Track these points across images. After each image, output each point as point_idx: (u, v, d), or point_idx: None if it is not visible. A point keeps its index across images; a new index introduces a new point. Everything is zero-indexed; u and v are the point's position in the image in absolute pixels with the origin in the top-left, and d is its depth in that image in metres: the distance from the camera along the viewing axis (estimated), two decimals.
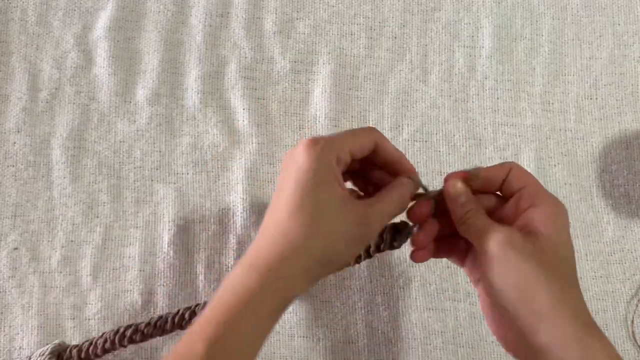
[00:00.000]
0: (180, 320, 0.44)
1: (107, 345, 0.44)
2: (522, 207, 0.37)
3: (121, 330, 0.44)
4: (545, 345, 0.33)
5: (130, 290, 0.51)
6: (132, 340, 0.44)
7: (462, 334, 0.52)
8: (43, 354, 0.45)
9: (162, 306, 0.51)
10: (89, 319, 0.50)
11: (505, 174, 0.38)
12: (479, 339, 0.52)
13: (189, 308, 0.44)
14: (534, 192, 0.37)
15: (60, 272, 0.51)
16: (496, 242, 0.34)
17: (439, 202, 0.39)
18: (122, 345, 0.44)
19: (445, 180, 0.38)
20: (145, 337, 0.44)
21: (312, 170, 0.34)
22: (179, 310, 0.44)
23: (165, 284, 0.51)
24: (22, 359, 0.49)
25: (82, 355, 0.45)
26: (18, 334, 0.50)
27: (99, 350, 0.44)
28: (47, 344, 0.49)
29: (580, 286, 0.35)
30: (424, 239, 0.39)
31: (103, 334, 0.45)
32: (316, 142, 0.35)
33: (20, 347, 0.50)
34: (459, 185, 0.38)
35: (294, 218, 0.34)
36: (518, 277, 0.34)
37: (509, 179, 0.38)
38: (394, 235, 0.41)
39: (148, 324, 0.44)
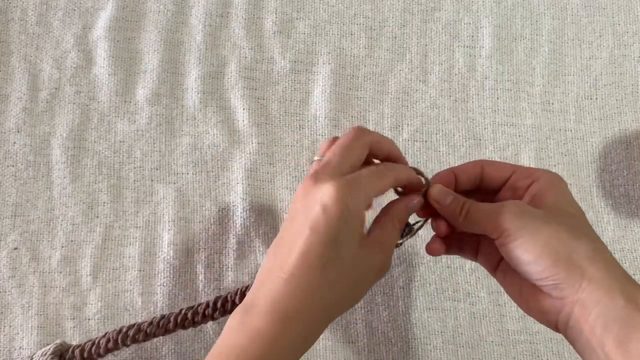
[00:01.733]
0: (182, 320, 0.44)
1: (110, 345, 0.44)
2: (519, 191, 0.37)
3: (124, 329, 0.44)
4: (590, 299, 0.32)
5: (130, 290, 0.51)
6: (135, 340, 0.44)
7: (462, 334, 0.52)
8: (45, 354, 0.45)
9: (162, 306, 0.51)
10: (88, 319, 0.50)
11: (479, 171, 0.38)
12: (479, 339, 0.52)
13: (192, 307, 0.44)
14: (524, 174, 0.37)
15: (60, 272, 0.51)
16: (511, 216, 0.33)
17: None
18: (124, 345, 0.44)
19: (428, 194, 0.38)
20: (148, 336, 0.44)
21: (343, 226, 0.33)
22: (181, 310, 0.44)
23: (165, 284, 0.51)
24: (24, 358, 0.49)
25: (85, 355, 0.44)
26: (18, 333, 0.50)
27: (101, 350, 0.44)
28: (47, 344, 0.49)
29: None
30: (445, 228, 0.39)
31: (106, 333, 0.45)
32: (348, 192, 0.33)
33: (20, 347, 0.50)
34: (439, 188, 0.37)
35: (318, 271, 0.33)
36: (545, 240, 0.32)
37: (487, 176, 0.38)
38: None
39: (150, 323, 0.44)
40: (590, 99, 0.57)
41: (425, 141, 0.55)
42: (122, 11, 0.56)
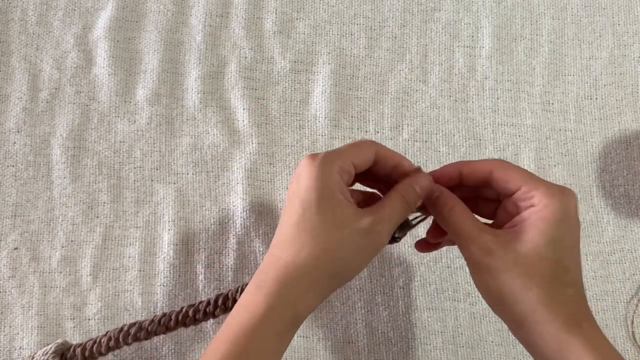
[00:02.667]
0: (184, 318, 0.44)
1: (112, 343, 0.44)
2: (518, 209, 0.36)
3: (125, 328, 0.44)
4: (529, 340, 0.34)
5: (130, 290, 0.51)
6: (136, 338, 0.44)
7: (462, 334, 0.52)
8: (46, 353, 0.45)
9: (162, 306, 0.51)
10: (89, 319, 0.50)
11: (487, 175, 0.37)
12: (479, 339, 0.52)
13: (192, 305, 0.44)
14: (527, 194, 0.36)
15: (60, 272, 0.51)
16: (474, 251, 0.35)
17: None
18: (126, 343, 0.44)
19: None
20: (149, 334, 0.44)
21: (313, 186, 0.34)
22: (182, 308, 0.44)
23: (165, 284, 0.51)
24: (24, 358, 0.49)
25: (86, 354, 0.44)
26: (18, 333, 0.50)
27: (102, 349, 0.44)
28: (47, 344, 0.49)
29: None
30: (437, 234, 0.39)
31: (107, 332, 0.45)
32: (315, 157, 0.35)
33: (20, 347, 0.50)
34: (428, 182, 0.38)
35: (298, 237, 0.34)
36: (497, 286, 0.34)
37: (498, 177, 0.37)
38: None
39: (152, 321, 0.44)
40: (590, 99, 0.57)
41: (425, 141, 0.55)
42: (122, 11, 0.56)
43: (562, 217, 0.35)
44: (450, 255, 0.53)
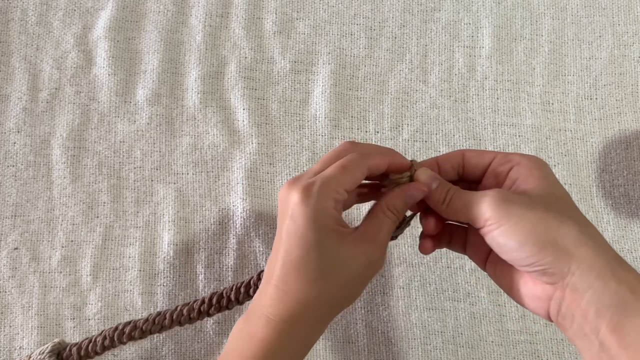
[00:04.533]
0: (178, 316, 0.44)
1: (107, 342, 0.44)
2: (501, 177, 0.36)
3: (120, 327, 0.44)
4: (581, 284, 0.31)
5: (130, 290, 0.51)
6: (131, 337, 0.44)
7: (462, 334, 0.52)
8: (43, 353, 0.45)
9: (162, 306, 0.51)
10: (89, 319, 0.50)
11: (460, 159, 0.37)
12: (478, 339, 0.52)
13: (187, 304, 0.44)
14: (504, 159, 0.36)
15: (60, 272, 0.51)
16: (493, 204, 0.33)
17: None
18: (121, 342, 0.44)
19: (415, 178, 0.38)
20: (144, 333, 0.44)
21: (310, 226, 0.33)
22: (177, 307, 0.44)
23: (165, 284, 0.51)
24: (22, 358, 0.49)
25: (82, 353, 0.44)
26: (18, 333, 0.50)
27: (98, 348, 0.44)
28: (47, 344, 0.49)
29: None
30: (434, 225, 0.38)
31: (102, 331, 0.45)
32: (309, 193, 0.34)
33: (20, 347, 0.50)
34: (427, 171, 0.37)
35: (299, 276, 0.34)
36: (530, 227, 0.32)
37: (468, 164, 0.37)
38: None
39: (146, 320, 0.44)
40: (590, 99, 0.57)
41: (425, 141, 0.55)
42: (122, 11, 0.56)
43: (547, 169, 0.35)
44: (450, 255, 0.53)
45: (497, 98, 0.57)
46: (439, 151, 0.55)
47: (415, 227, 0.40)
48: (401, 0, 0.58)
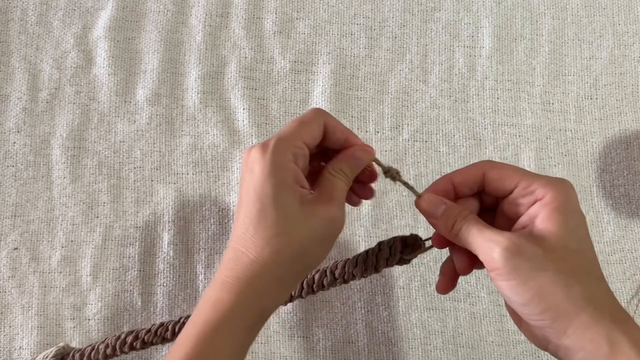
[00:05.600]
0: (180, 329, 0.44)
1: (109, 351, 0.44)
2: (520, 210, 0.34)
3: (122, 336, 0.44)
4: (574, 346, 0.31)
5: (130, 291, 0.51)
6: (132, 347, 0.44)
7: (462, 334, 0.52)
8: (47, 357, 0.45)
9: (161, 306, 0.51)
10: (88, 319, 0.50)
11: (479, 178, 0.35)
12: (479, 339, 0.52)
13: (190, 316, 0.44)
14: (527, 190, 0.34)
15: (60, 272, 0.51)
16: (505, 256, 0.31)
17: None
18: (123, 352, 0.45)
19: (416, 204, 0.36)
20: (145, 344, 0.44)
21: (268, 179, 0.33)
22: (180, 319, 0.44)
23: (165, 284, 0.51)
24: None
25: (84, 359, 0.45)
26: (18, 334, 0.50)
27: (100, 356, 0.45)
28: (47, 344, 0.50)
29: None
30: (453, 268, 0.37)
31: (105, 339, 0.45)
32: (266, 147, 0.33)
33: (20, 347, 0.50)
34: (428, 198, 0.35)
35: (261, 232, 0.33)
36: (537, 289, 0.31)
37: (492, 177, 0.35)
38: (403, 250, 0.39)
39: (149, 331, 0.44)
40: (591, 99, 0.57)
41: (426, 141, 0.55)
42: (122, 11, 0.56)
43: (572, 206, 0.33)
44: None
45: (498, 98, 0.56)
46: (439, 151, 0.55)
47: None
48: (401, 0, 0.58)
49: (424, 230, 0.52)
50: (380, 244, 0.39)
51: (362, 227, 0.53)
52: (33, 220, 0.52)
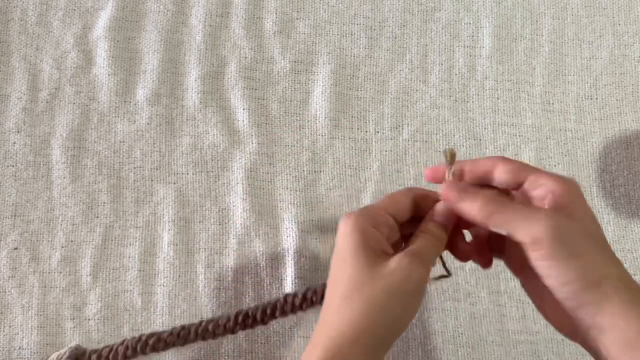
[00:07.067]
0: (203, 332, 0.44)
1: (129, 352, 0.44)
2: (534, 196, 0.35)
3: (143, 338, 0.44)
4: (607, 324, 0.32)
5: (130, 291, 0.51)
6: (154, 349, 0.44)
7: (462, 334, 0.52)
8: (60, 358, 0.45)
9: (162, 306, 0.51)
10: (88, 319, 0.50)
11: (492, 165, 0.36)
12: (478, 339, 0.52)
13: (212, 321, 0.45)
14: (536, 182, 0.34)
15: (60, 272, 0.51)
16: (551, 228, 0.31)
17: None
18: (143, 353, 0.44)
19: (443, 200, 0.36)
20: (167, 346, 0.44)
21: (346, 240, 0.34)
22: (201, 322, 0.45)
23: (165, 284, 0.51)
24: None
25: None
26: (18, 333, 0.50)
27: (119, 357, 0.44)
28: (47, 344, 0.49)
29: None
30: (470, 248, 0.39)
31: (124, 340, 0.45)
32: (349, 217, 0.35)
33: (20, 347, 0.50)
34: (455, 186, 0.36)
35: (344, 300, 0.33)
36: (582, 266, 0.31)
37: (503, 170, 0.35)
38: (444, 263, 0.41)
39: (170, 333, 0.45)
40: (591, 99, 0.57)
41: (426, 141, 0.55)
42: (122, 11, 0.56)
43: (580, 193, 0.34)
44: (449, 255, 0.53)
45: (498, 98, 0.57)
46: (439, 151, 0.55)
47: None
48: (401, 0, 0.58)
49: None
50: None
51: None
52: (33, 220, 0.52)
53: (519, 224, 0.32)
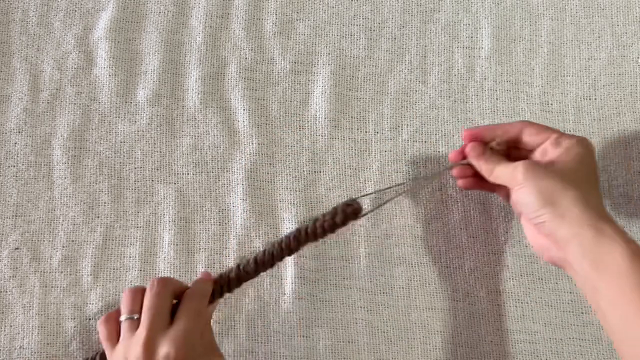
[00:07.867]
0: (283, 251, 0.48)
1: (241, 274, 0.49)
2: (548, 153, 0.45)
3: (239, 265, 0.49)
4: (567, 235, 0.41)
5: None
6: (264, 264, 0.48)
7: (461, 333, 0.52)
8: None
9: None
10: (89, 319, 0.50)
11: (520, 129, 0.47)
12: (478, 339, 0.52)
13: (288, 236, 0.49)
14: (553, 143, 0.45)
15: (61, 272, 0.51)
16: (522, 169, 0.44)
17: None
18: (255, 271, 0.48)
19: (469, 147, 0.48)
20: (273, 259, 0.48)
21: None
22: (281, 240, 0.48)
23: None
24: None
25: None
26: (19, 333, 0.50)
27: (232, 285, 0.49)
28: (47, 344, 0.50)
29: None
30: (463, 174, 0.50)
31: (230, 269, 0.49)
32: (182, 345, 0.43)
33: (20, 347, 0.50)
34: (479, 148, 0.48)
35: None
36: (541, 188, 0.42)
37: (529, 132, 0.47)
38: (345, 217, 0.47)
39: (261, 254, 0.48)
40: (589, 99, 0.57)
41: (425, 142, 0.56)
42: (123, 12, 0.56)
43: (592, 148, 0.46)
44: (449, 255, 0.53)
45: (497, 99, 0.57)
46: (439, 151, 0.55)
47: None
48: (401, 1, 0.58)
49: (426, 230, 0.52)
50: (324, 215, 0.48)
51: (363, 227, 0.53)
52: (34, 220, 0.52)
53: (507, 172, 0.45)
